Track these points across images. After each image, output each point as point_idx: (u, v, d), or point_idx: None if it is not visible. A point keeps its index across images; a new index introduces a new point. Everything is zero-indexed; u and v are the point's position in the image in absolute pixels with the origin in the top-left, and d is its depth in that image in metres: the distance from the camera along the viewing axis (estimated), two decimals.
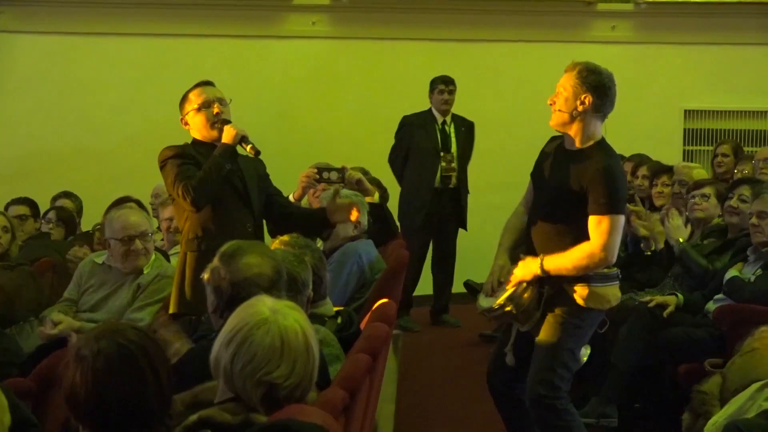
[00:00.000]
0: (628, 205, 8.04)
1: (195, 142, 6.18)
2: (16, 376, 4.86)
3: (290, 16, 12.45)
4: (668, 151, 11.49)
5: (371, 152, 10.74)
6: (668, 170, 9.12)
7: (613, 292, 5.69)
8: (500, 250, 5.91)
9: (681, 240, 7.42)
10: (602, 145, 5.70)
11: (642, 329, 6.91)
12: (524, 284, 5.62)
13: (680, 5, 12.16)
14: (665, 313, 6.92)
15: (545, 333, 5.64)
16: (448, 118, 10.65)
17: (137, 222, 6.74)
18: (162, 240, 8.21)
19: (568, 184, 5.56)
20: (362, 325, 5.45)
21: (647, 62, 12.37)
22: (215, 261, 4.38)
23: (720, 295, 6.98)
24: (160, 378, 3.10)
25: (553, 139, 5.94)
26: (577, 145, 5.70)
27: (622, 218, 5.51)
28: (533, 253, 5.67)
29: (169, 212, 8.01)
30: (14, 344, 5.55)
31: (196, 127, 6.17)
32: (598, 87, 5.75)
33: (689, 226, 7.80)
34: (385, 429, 7.43)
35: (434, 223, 10.35)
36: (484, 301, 5.80)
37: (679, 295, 7.07)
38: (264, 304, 3.49)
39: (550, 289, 5.63)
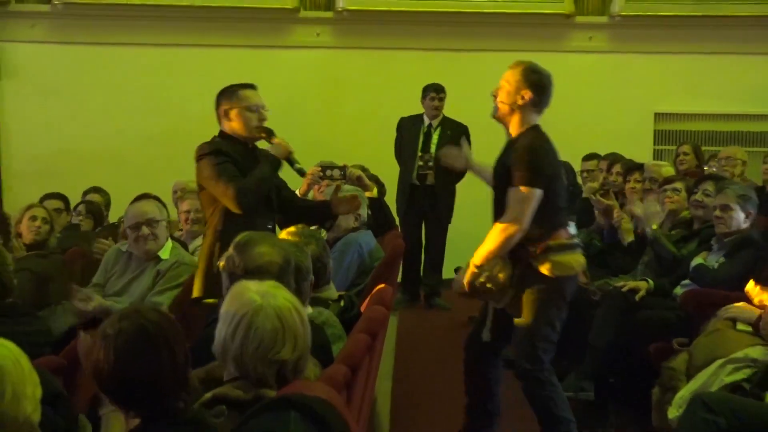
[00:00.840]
0: (602, 199, 8.09)
1: (225, 135, 6.06)
2: (48, 354, 4.85)
3: (297, 28, 12.45)
4: (640, 150, 11.50)
5: (370, 151, 10.74)
6: (640, 168, 9.15)
7: (575, 258, 5.77)
8: None
9: (654, 227, 7.44)
10: (535, 129, 5.78)
11: (616, 311, 6.93)
12: (497, 266, 5.66)
13: (651, 18, 12.15)
14: (637, 297, 6.94)
15: (524, 310, 5.70)
16: (436, 122, 10.67)
17: (145, 210, 6.79)
18: (180, 231, 8.20)
19: (506, 167, 5.65)
20: (362, 308, 5.45)
21: (621, 70, 12.37)
22: (230, 250, 4.41)
23: (686, 281, 7.00)
24: (177, 356, 3.10)
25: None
26: (514, 134, 5.79)
27: (537, 192, 5.51)
28: None
29: (187, 205, 8.01)
30: (45, 326, 5.53)
31: (240, 124, 6.03)
32: (537, 85, 5.76)
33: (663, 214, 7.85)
34: (383, 402, 7.44)
35: (418, 215, 10.34)
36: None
37: (650, 280, 7.10)
38: (252, 291, 3.50)
39: (519, 267, 5.68)
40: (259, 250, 4.38)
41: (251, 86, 6.20)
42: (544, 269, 5.63)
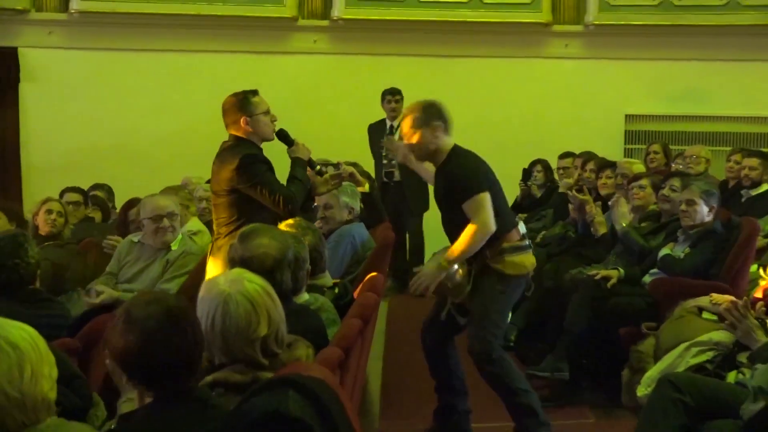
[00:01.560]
0: (577, 194, 8.10)
1: (242, 140, 5.96)
2: (64, 337, 4.85)
3: (295, 35, 12.46)
4: (612, 149, 11.54)
5: (363, 150, 10.77)
6: (612, 165, 9.18)
7: (528, 259, 5.90)
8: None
9: (624, 224, 7.45)
10: (455, 149, 5.84)
11: (589, 298, 6.93)
12: (456, 265, 5.75)
13: (622, 27, 12.16)
14: (609, 284, 6.95)
15: (478, 300, 5.80)
16: (396, 123, 10.64)
17: (165, 204, 6.82)
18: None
19: (446, 190, 5.79)
20: (355, 295, 5.45)
21: (595, 74, 12.37)
22: (235, 239, 4.44)
23: (654, 270, 7.02)
24: (197, 337, 3.11)
25: None
26: (439, 164, 5.88)
27: (486, 194, 5.60)
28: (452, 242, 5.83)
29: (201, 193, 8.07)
30: (63, 310, 5.53)
31: (259, 128, 5.95)
32: (439, 114, 5.83)
33: (631, 213, 7.86)
34: (374, 381, 7.46)
35: (392, 210, 10.31)
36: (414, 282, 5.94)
37: (620, 269, 7.11)
38: (220, 283, 3.54)
39: (477, 266, 5.77)
40: (258, 242, 4.41)
41: (256, 92, 6.13)
42: (500, 269, 5.76)
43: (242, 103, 5.98)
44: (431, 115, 5.79)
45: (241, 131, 5.94)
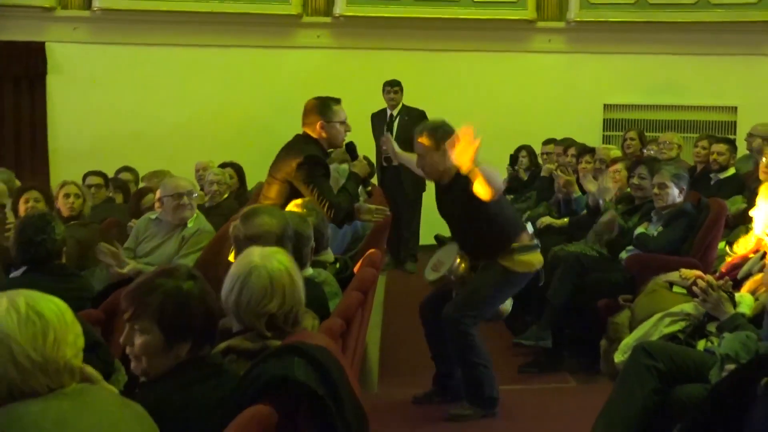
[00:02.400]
0: (561, 173, 8.15)
1: (311, 139, 6.03)
2: (88, 308, 4.85)
3: (300, 31, 12.45)
4: (591, 136, 11.52)
5: (364, 136, 10.73)
6: (591, 151, 9.21)
7: (535, 258, 5.88)
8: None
9: (607, 200, 7.46)
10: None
11: (571, 273, 6.94)
12: (458, 260, 5.79)
13: (601, 24, 12.17)
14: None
15: (475, 281, 5.82)
16: (395, 111, 10.84)
17: (185, 184, 6.85)
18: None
19: (464, 202, 5.59)
20: (356, 269, 5.45)
21: (576, 67, 12.37)
22: (238, 219, 4.44)
23: (630, 247, 7.02)
24: (217, 304, 3.13)
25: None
26: (449, 181, 5.79)
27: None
28: (464, 248, 5.90)
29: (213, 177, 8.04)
30: (87, 283, 5.53)
31: (332, 135, 6.05)
32: (439, 143, 5.67)
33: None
34: (373, 349, 7.47)
35: (390, 192, 10.25)
36: (430, 275, 6.02)
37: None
38: (254, 254, 3.55)
39: (484, 261, 5.79)
40: (260, 221, 4.40)
41: (338, 101, 6.23)
42: (508, 264, 5.73)
43: (323, 108, 6.10)
44: (440, 139, 5.67)
45: (315, 132, 6.04)
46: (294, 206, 5.44)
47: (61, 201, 7.50)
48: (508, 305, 6.05)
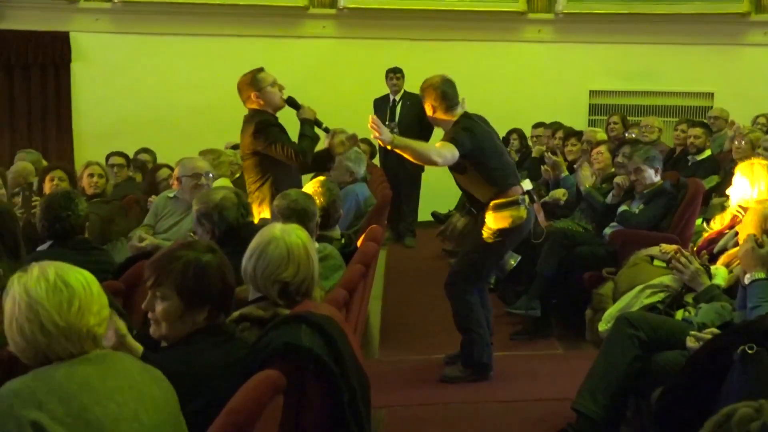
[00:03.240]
0: (551, 155, 8.17)
1: (258, 111, 5.97)
2: (110, 280, 4.85)
3: (307, 22, 12.42)
4: (577, 120, 11.56)
5: (365, 122, 10.70)
6: (577, 134, 9.24)
7: (514, 213, 5.73)
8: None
9: (587, 185, 7.47)
10: (457, 121, 5.79)
11: (558, 247, 6.93)
12: (459, 215, 5.98)
13: (588, 15, 12.14)
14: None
15: (468, 243, 5.92)
16: (398, 97, 10.79)
17: (203, 165, 6.79)
18: None
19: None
20: (359, 244, 5.45)
21: (564, 56, 12.34)
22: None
23: (614, 223, 7.03)
24: (233, 276, 3.17)
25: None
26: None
27: (452, 147, 5.54)
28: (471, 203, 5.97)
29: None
30: (109, 257, 5.53)
31: (268, 99, 5.97)
32: (437, 99, 5.87)
33: (594, 175, 7.90)
34: (375, 318, 7.47)
35: (391, 172, 10.23)
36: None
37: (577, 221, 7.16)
38: (275, 228, 3.58)
39: (475, 219, 5.88)
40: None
41: (261, 69, 6.15)
42: (490, 222, 5.73)
43: (251, 80, 6.03)
44: (433, 96, 5.84)
45: (255, 104, 5.98)
46: (311, 185, 5.47)
47: (86, 180, 7.50)
48: (512, 260, 6.07)
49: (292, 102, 6.08)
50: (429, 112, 5.88)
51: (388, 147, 5.53)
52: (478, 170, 5.71)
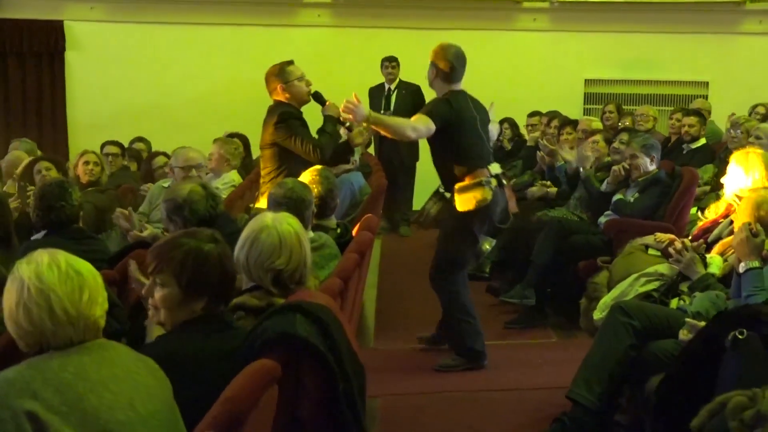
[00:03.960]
0: (546, 142, 8.19)
1: (282, 104, 6.00)
2: (104, 269, 4.84)
3: (302, 11, 12.39)
4: (573, 108, 11.54)
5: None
6: (572, 122, 9.27)
7: (478, 194, 5.71)
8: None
9: (586, 167, 7.47)
10: (448, 92, 5.89)
11: (553, 235, 6.95)
12: (432, 201, 5.97)
13: (583, 3, 12.14)
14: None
15: (441, 232, 5.97)
16: (393, 86, 10.79)
17: (194, 156, 6.79)
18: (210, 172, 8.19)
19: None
20: (354, 233, 5.45)
21: (559, 45, 12.32)
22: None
23: (609, 212, 7.03)
24: (224, 272, 3.15)
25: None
26: None
27: (428, 120, 5.60)
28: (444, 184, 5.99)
29: (213, 148, 7.96)
30: (104, 246, 5.52)
31: (293, 93, 6.01)
32: (439, 61, 5.99)
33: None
34: (369, 307, 7.48)
35: (386, 161, 10.23)
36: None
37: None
38: (267, 217, 3.62)
39: (446, 203, 5.91)
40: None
41: (291, 62, 6.19)
42: (458, 204, 5.76)
43: (279, 72, 6.06)
44: (439, 58, 5.96)
45: (281, 96, 6.01)
46: (308, 174, 5.46)
47: (81, 168, 7.50)
48: (486, 244, 6.10)
49: (318, 97, 6.13)
50: (431, 75, 5.92)
51: (364, 124, 5.65)
52: (451, 146, 5.75)
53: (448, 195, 5.92)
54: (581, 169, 7.48)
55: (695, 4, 11.98)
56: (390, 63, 10.80)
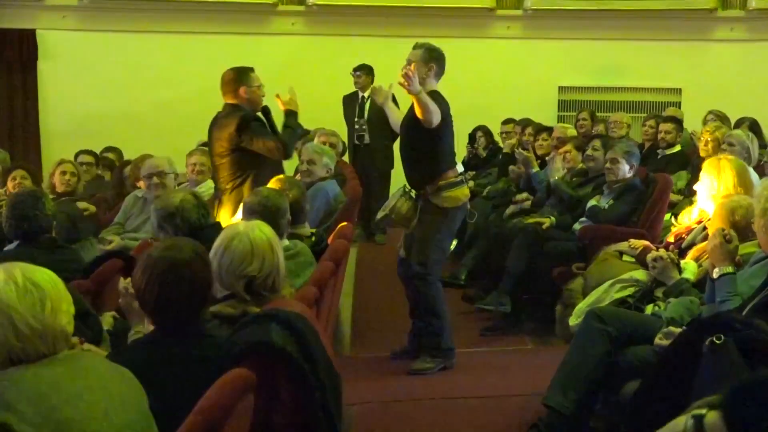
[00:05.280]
0: (522, 151, 8.22)
1: (236, 106, 6.01)
2: (79, 278, 4.82)
3: (276, 19, 12.39)
4: (547, 115, 11.56)
5: (337, 118, 10.71)
6: (547, 129, 9.32)
7: (462, 192, 6.01)
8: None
9: (557, 177, 7.52)
10: (435, 91, 6.01)
11: (528, 242, 6.97)
12: (402, 199, 5.98)
13: (556, 11, 12.18)
14: (543, 227, 7.02)
15: (421, 230, 5.95)
16: (367, 93, 10.65)
17: (155, 164, 6.90)
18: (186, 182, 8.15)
19: (413, 116, 5.84)
20: (329, 241, 5.45)
21: (533, 52, 12.38)
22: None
23: (583, 219, 7.06)
24: (197, 282, 3.13)
25: None
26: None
27: (436, 107, 5.74)
28: (406, 177, 6.14)
29: (195, 159, 7.95)
30: (78, 255, 5.50)
31: (253, 99, 6.05)
32: (428, 59, 6.03)
33: (564, 169, 7.96)
34: (345, 314, 7.48)
35: (362, 168, 10.25)
36: (379, 214, 6.29)
37: (552, 217, 7.19)
38: (239, 225, 3.69)
39: (421, 202, 5.94)
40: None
41: (252, 69, 6.25)
42: (439, 202, 5.88)
43: (243, 76, 6.10)
44: (430, 57, 6.02)
45: (238, 99, 6.02)
46: (275, 182, 5.45)
47: (58, 177, 7.49)
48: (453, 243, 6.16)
49: (266, 112, 6.14)
50: (422, 72, 5.92)
51: (413, 97, 5.64)
52: (436, 143, 5.89)
53: (414, 194, 6.00)
54: (551, 180, 7.55)
55: (668, 12, 12.07)
56: (362, 71, 10.79)
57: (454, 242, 6.32)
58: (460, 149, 9.84)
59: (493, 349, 6.69)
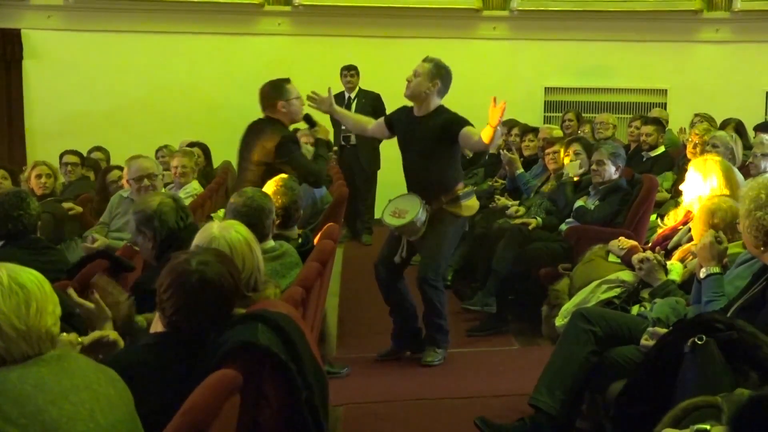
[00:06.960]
0: (506, 152, 8.22)
1: (274, 120, 6.05)
2: (64, 279, 4.80)
3: (262, 19, 12.37)
4: (533, 116, 11.60)
5: (323, 119, 10.65)
6: (533, 130, 9.33)
7: (475, 202, 6.32)
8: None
9: (571, 174, 7.54)
10: (443, 107, 6.22)
11: (514, 243, 6.99)
12: (425, 213, 6.03)
13: (542, 12, 12.20)
14: (530, 228, 7.06)
15: (434, 239, 6.06)
16: (353, 94, 10.78)
17: (146, 166, 6.81)
18: (172, 183, 8.13)
19: (437, 132, 6.02)
20: (315, 241, 5.44)
21: (519, 53, 12.40)
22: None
23: (570, 219, 7.08)
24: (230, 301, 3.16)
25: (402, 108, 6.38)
26: (425, 115, 6.15)
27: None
28: (415, 188, 6.16)
29: (178, 161, 7.94)
30: (63, 256, 5.48)
31: (292, 112, 6.10)
32: (434, 76, 6.16)
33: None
34: (332, 315, 7.48)
35: (348, 169, 10.25)
36: (393, 221, 6.13)
37: (538, 218, 7.21)
38: (213, 228, 3.63)
39: (432, 210, 6.05)
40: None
41: (289, 80, 6.28)
42: (456, 210, 6.06)
43: (279, 90, 6.13)
44: (437, 74, 6.16)
45: (277, 114, 6.07)
46: (272, 184, 5.44)
47: (33, 181, 7.48)
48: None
49: (309, 119, 6.17)
50: (430, 87, 6.11)
51: (493, 127, 5.97)
52: (453, 157, 6.16)
53: (428, 207, 6.07)
54: (565, 176, 7.56)
55: (653, 13, 12.12)
56: (349, 72, 10.81)
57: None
58: None
59: (479, 349, 6.69)
